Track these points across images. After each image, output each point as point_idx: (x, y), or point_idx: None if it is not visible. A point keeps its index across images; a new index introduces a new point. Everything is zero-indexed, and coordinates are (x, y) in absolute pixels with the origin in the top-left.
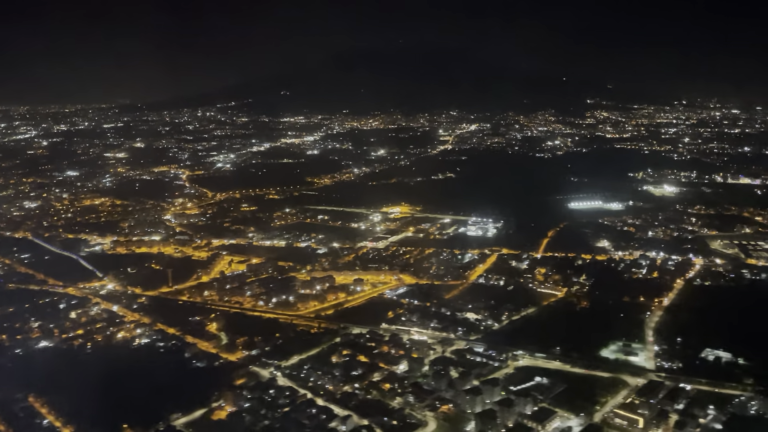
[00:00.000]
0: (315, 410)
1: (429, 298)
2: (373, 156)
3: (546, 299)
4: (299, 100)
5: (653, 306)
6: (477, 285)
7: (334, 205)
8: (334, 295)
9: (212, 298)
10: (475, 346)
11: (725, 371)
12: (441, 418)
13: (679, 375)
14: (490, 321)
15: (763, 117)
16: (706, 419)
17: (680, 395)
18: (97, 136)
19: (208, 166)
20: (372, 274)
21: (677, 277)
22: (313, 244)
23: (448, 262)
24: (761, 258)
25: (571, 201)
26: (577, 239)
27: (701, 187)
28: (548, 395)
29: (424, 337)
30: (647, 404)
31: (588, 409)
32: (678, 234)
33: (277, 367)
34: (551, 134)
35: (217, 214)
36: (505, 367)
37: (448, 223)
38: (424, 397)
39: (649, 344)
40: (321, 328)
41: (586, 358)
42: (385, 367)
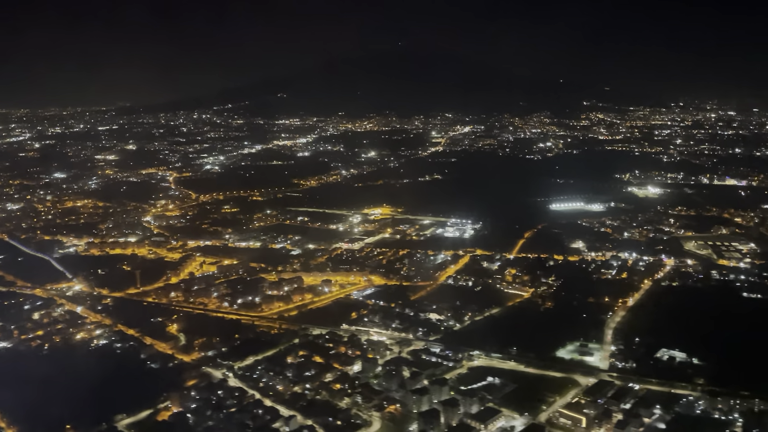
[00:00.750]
0: (261, 411)
1: (395, 299)
2: (363, 158)
3: (511, 300)
4: (296, 103)
5: (617, 306)
6: (445, 286)
7: (316, 206)
8: (301, 296)
9: (178, 299)
10: (432, 347)
11: (678, 371)
12: (386, 418)
13: (632, 375)
14: (452, 321)
15: (759, 119)
16: (650, 419)
17: (627, 395)
18: (90, 138)
19: (196, 168)
20: (342, 275)
21: (646, 278)
22: (288, 245)
23: (419, 264)
24: (733, 259)
25: (553, 202)
26: (552, 240)
27: (685, 188)
28: (497, 395)
29: (384, 337)
30: (592, 404)
31: (534, 408)
32: (654, 235)
33: (230, 368)
34: (544, 136)
35: (198, 215)
36: (459, 368)
37: (427, 225)
38: (372, 397)
39: (606, 344)
40: (281, 329)
41: (542, 359)
42: (339, 368)
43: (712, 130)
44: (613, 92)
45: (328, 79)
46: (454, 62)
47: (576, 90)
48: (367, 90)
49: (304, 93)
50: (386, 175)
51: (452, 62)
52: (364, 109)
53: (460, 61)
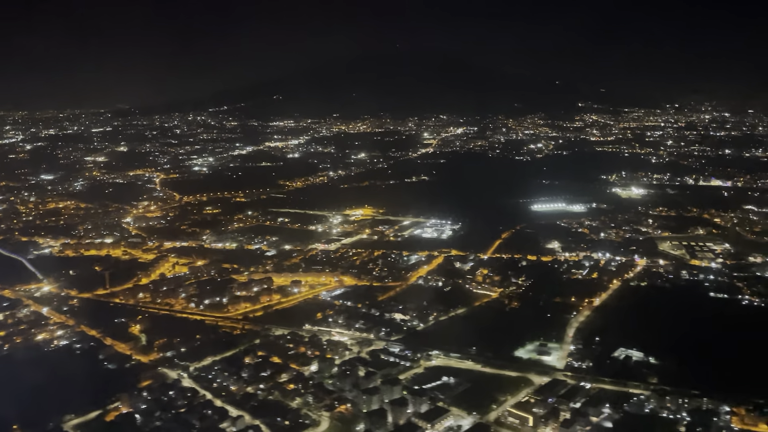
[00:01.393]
0: (210, 411)
1: (362, 300)
2: (353, 159)
3: (479, 300)
4: (291, 105)
5: (582, 306)
6: (415, 286)
7: (299, 207)
8: (269, 296)
9: (145, 300)
10: (391, 347)
11: (633, 370)
12: (335, 418)
13: (586, 374)
14: (416, 322)
15: (752, 120)
16: (598, 417)
17: (578, 394)
18: (83, 140)
19: (184, 170)
20: (313, 275)
21: (615, 278)
22: (264, 246)
23: (392, 264)
24: (705, 259)
25: (536, 203)
26: (528, 241)
27: (668, 189)
28: (450, 394)
29: (345, 338)
30: (542, 403)
31: (484, 408)
32: (630, 235)
33: (186, 368)
34: (536, 137)
35: (178, 216)
36: (416, 367)
37: (407, 226)
38: (324, 397)
39: (566, 344)
40: (244, 329)
41: (500, 358)
42: (296, 368)
43: (704, 131)
44: (609, 94)
45: (324, 81)
46: (450, 64)
47: (571, 92)
48: (363, 92)
49: (300, 95)
50: (373, 177)
51: (449, 64)
52: (358, 110)
53: (456, 63)
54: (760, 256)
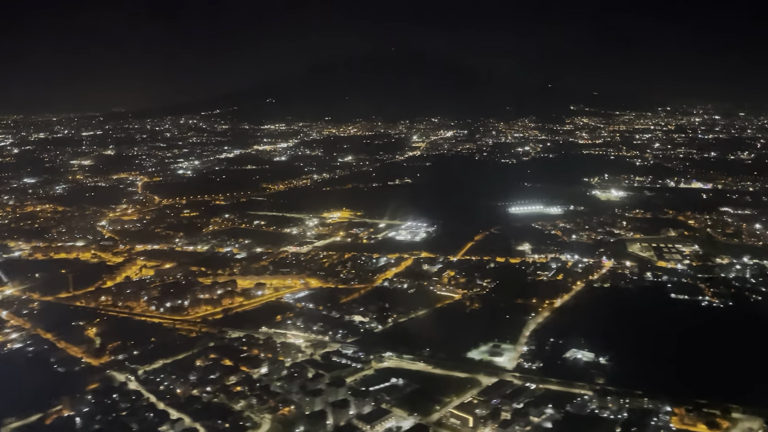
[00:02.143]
0: (152, 414)
1: (324, 302)
2: (339, 162)
3: (441, 301)
4: (284, 108)
5: (542, 308)
6: (380, 288)
7: (277, 210)
8: (231, 299)
9: (107, 303)
10: (345, 349)
11: (582, 371)
12: (276, 421)
13: (534, 375)
14: (374, 323)
15: (742, 123)
16: (539, 418)
17: (522, 394)
18: (72, 143)
19: (168, 173)
20: (279, 278)
21: (580, 280)
22: (236, 249)
23: (361, 267)
24: (672, 260)
25: (514, 206)
26: (500, 243)
27: (648, 191)
28: (396, 396)
29: (300, 340)
30: (484, 403)
31: (428, 409)
32: (602, 237)
33: (134, 371)
34: (525, 140)
35: (155, 219)
36: (367, 369)
37: (382, 228)
38: (269, 399)
39: (520, 345)
40: (201, 332)
41: (452, 359)
42: (246, 371)
43: (692, 134)
44: (601, 97)
45: (318, 85)
46: (445, 67)
47: (564, 95)
48: (356, 95)
49: (293, 98)
50: (357, 180)
51: (444, 67)
52: (351, 113)
53: (451, 66)
54: (727, 258)
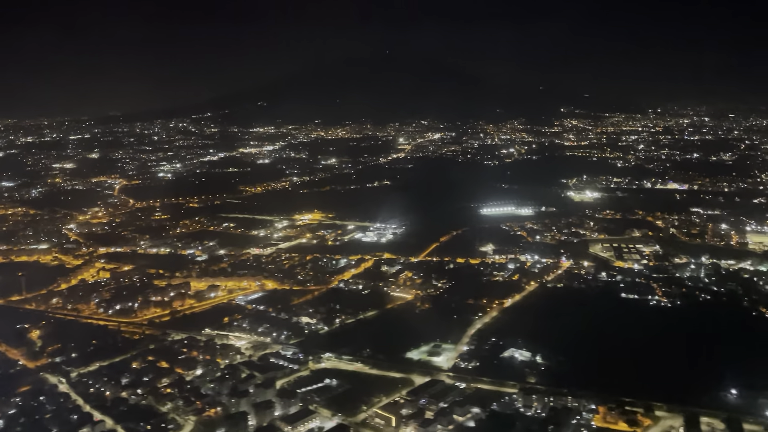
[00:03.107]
0: (75, 417)
1: (275, 304)
2: (322, 165)
3: (393, 302)
4: (275, 111)
5: (492, 308)
6: (335, 289)
7: (249, 212)
8: (182, 301)
9: (57, 305)
10: (285, 350)
11: (516, 370)
12: (200, 422)
13: (469, 374)
14: (321, 324)
15: (730, 125)
16: (463, 417)
17: (451, 394)
18: (58, 147)
19: (148, 176)
20: (235, 280)
21: (534, 280)
22: (198, 251)
23: (320, 268)
24: (630, 260)
25: (486, 207)
26: (464, 244)
27: (622, 192)
28: (326, 396)
29: (243, 342)
30: (410, 403)
31: (355, 409)
32: (566, 238)
33: (68, 374)
34: (511, 142)
35: (124, 222)
36: (303, 370)
37: (351, 230)
38: (195, 401)
39: (461, 345)
40: (144, 334)
41: (391, 360)
42: (180, 373)
43: (679, 135)
44: (592, 99)
45: (310, 87)
46: (439, 70)
47: (555, 97)
48: (348, 98)
49: (285, 101)
50: (336, 182)
51: (436, 69)
52: (341, 116)
53: (445, 70)
54: (686, 257)
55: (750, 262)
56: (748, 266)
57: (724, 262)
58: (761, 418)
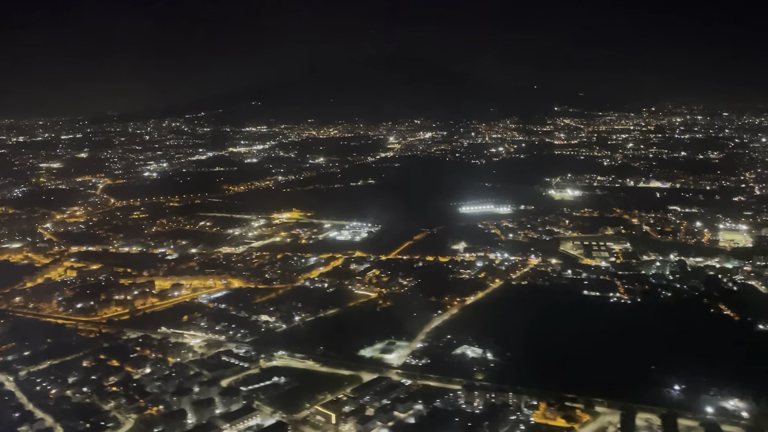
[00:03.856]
0: (17, 415)
1: (238, 302)
2: (309, 164)
3: (355, 300)
4: (269, 110)
5: (453, 305)
6: (300, 288)
7: (228, 211)
8: (144, 300)
9: (19, 304)
10: (239, 349)
11: (466, 367)
12: (140, 420)
13: (419, 371)
14: (279, 323)
15: (722, 123)
16: (405, 414)
17: (395, 391)
18: (49, 147)
19: (134, 175)
20: (201, 278)
21: (500, 277)
22: (170, 250)
23: (289, 267)
24: (598, 258)
25: (466, 205)
26: (437, 242)
27: (603, 191)
28: (271, 394)
29: (198, 340)
30: (352, 400)
31: (298, 406)
32: (538, 236)
33: (16, 372)
34: (502, 141)
35: (101, 222)
36: (254, 369)
37: (327, 228)
38: (139, 399)
39: (415, 342)
40: (101, 332)
41: (343, 357)
42: (130, 371)
43: (670, 134)
44: (587, 98)
45: (305, 87)
46: (435, 70)
47: (549, 96)
48: (342, 97)
49: (279, 101)
50: (321, 181)
51: (433, 70)
52: (334, 116)
53: (441, 69)
54: (655, 255)
55: (717, 259)
56: (714, 263)
57: (692, 259)
58: (700, 414)
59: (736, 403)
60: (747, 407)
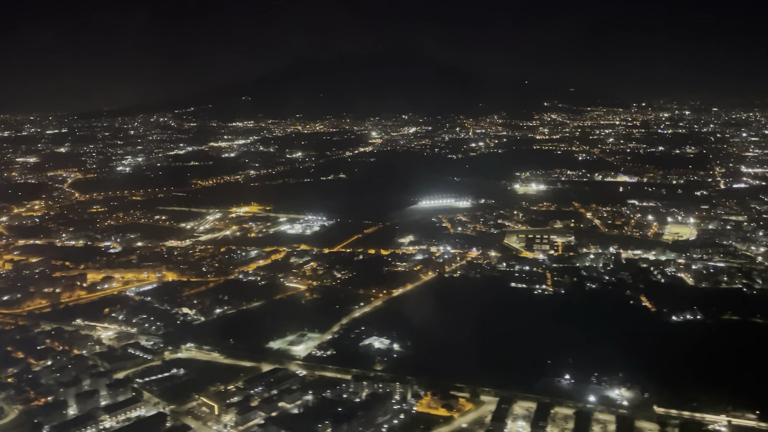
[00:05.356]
0: None
1: (165, 295)
2: (287, 158)
3: (283, 293)
4: (258, 105)
5: (379, 297)
6: (232, 281)
7: (187, 205)
8: (71, 293)
9: None
10: (147, 341)
11: (369, 358)
12: (24, 411)
13: (321, 362)
14: (198, 315)
15: (709, 118)
16: (291, 404)
17: (286, 382)
18: (31, 141)
19: (106, 170)
20: (135, 271)
21: (434, 270)
22: (115, 243)
23: (228, 260)
24: (538, 251)
25: (427, 199)
26: (387, 235)
27: (567, 185)
28: (164, 386)
29: (110, 332)
30: (241, 391)
31: (187, 398)
32: (486, 229)
33: None
34: (485, 136)
35: (58, 216)
36: (156, 361)
37: (282, 222)
38: (28, 390)
39: (327, 334)
40: (18, 325)
41: (250, 349)
42: (32, 363)
43: (654, 129)
44: (578, 93)
45: (296, 82)
46: (428, 66)
47: (540, 91)
48: (331, 92)
49: (271, 96)
50: (293, 175)
51: (426, 66)
52: (322, 111)
53: (433, 65)
54: (596, 248)
55: (654, 252)
56: (650, 256)
57: (630, 252)
58: (581, 402)
59: (622, 392)
60: (628, 396)
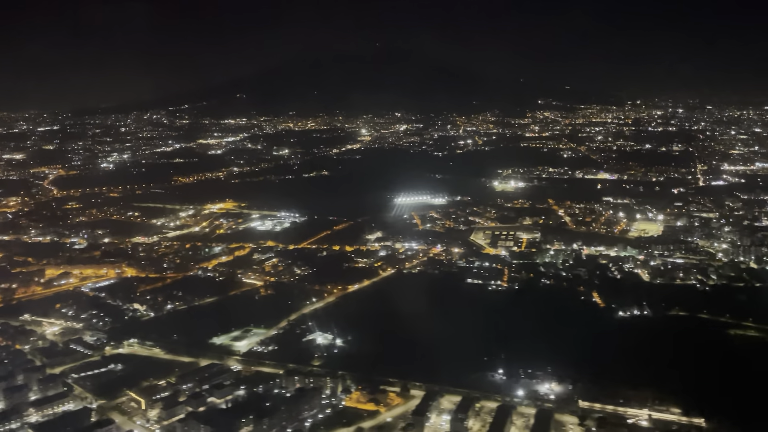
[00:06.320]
0: None
1: (120, 291)
2: (273, 155)
3: (238, 289)
4: (253, 103)
5: (333, 293)
6: (190, 277)
7: (162, 202)
8: (26, 288)
9: None
10: (91, 336)
11: (309, 353)
12: None
13: (260, 358)
14: (148, 311)
15: (701, 116)
16: (220, 399)
17: (220, 377)
18: (20, 138)
19: (90, 167)
20: (95, 267)
21: (394, 266)
22: (82, 239)
23: (191, 256)
24: (501, 247)
25: (404, 196)
26: (355, 232)
27: (546, 182)
28: (98, 381)
29: (56, 328)
30: (171, 386)
31: (117, 392)
32: (455, 226)
33: None
34: (474, 134)
35: (31, 212)
36: (96, 356)
37: (254, 218)
38: None
39: (272, 330)
40: None
41: (192, 345)
42: None
43: (642, 127)
44: (573, 91)
45: (291, 80)
46: (424, 64)
47: (535, 89)
48: (326, 90)
49: (266, 93)
50: (275, 172)
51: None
52: (316, 108)
53: (430, 63)
54: (560, 244)
55: (616, 248)
56: (612, 252)
57: (593, 248)
58: (508, 396)
59: (551, 387)
60: (557, 390)
